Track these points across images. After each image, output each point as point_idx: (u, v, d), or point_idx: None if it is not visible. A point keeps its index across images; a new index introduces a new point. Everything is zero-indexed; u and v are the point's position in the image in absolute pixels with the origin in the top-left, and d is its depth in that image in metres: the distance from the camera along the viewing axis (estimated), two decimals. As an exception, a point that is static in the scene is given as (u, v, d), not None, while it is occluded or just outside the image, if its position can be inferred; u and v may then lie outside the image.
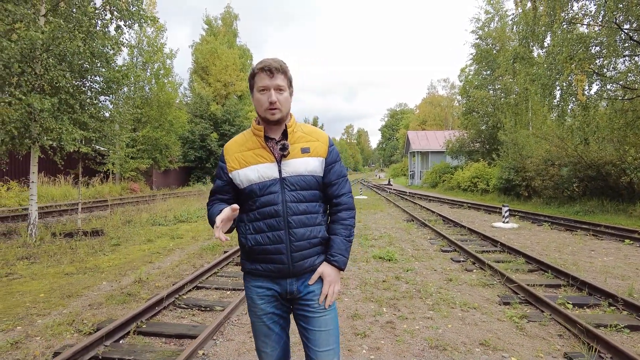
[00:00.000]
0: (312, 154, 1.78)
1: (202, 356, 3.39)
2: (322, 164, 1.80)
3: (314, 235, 1.77)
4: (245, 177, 1.76)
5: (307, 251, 1.76)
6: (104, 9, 9.27)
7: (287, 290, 1.78)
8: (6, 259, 6.82)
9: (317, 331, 1.78)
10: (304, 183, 1.76)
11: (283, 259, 1.73)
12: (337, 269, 1.80)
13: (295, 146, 1.77)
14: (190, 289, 5.22)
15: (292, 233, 1.73)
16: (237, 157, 1.79)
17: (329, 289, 1.78)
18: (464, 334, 3.80)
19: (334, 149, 1.87)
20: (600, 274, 5.95)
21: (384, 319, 4.18)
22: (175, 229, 10.42)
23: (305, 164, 1.76)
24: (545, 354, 3.42)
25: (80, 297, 5.01)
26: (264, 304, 1.80)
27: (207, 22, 42.02)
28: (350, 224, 1.85)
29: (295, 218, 1.73)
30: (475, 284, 5.50)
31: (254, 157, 1.77)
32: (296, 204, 1.74)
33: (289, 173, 1.74)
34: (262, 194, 1.74)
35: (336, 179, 1.85)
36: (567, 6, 13.56)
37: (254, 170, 1.75)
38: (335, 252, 1.79)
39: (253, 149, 1.78)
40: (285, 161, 1.75)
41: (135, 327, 3.92)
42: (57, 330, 3.92)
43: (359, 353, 3.43)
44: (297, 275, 1.77)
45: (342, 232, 1.82)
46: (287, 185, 1.74)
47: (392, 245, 8.20)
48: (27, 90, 7.85)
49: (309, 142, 1.80)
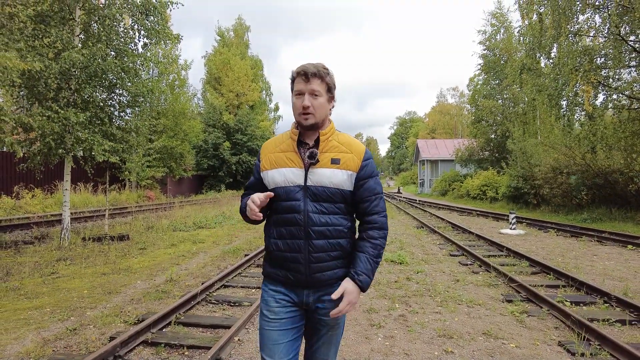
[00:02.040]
0: (341, 166, 1.71)
1: (238, 341, 3.88)
2: (351, 178, 1.72)
3: (335, 248, 1.70)
4: (272, 179, 1.75)
5: (325, 264, 1.70)
6: (132, 29, 9.95)
7: (303, 301, 1.75)
8: (47, 260, 7.40)
9: (321, 343, 1.82)
10: (327, 195, 1.69)
11: (300, 269, 1.69)
12: (360, 289, 1.69)
13: (326, 155, 1.71)
14: (218, 287, 5.73)
15: (311, 244, 1.68)
16: (270, 158, 1.78)
17: (345, 308, 1.66)
18: (469, 326, 4.24)
19: (369, 163, 1.77)
20: (600, 276, 6.33)
21: (397, 313, 4.63)
22: (195, 234, 10.97)
23: (331, 175, 1.69)
24: (541, 342, 3.84)
25: (120, 294, 5.53)
26: (278, 308, 1.74)
27: (220, 34, 43.04)
28: (379, 244, 1.74)
29: (316, 229, 1.68)
30: (481, 284, 5.92)
31: (284, 160, 1.74)
32: (318, 215, 1.68)
33: (313, 182, 1.69)
34: (286, 199, 1.71)
35: (368, 196, 1.75)
36: (573, 19, 13.98)
37: (280, 173, 1.73)
38: (361, 271, 1.69)
39: (286, 151, 1.76)
40: (313, 169, 1.70)
41: (175, 319, 4.42)
42: (106, 320, 4.44)
43: (375, 340, 3.89)
44: (314, 287, 1.72)
45: (370, 251, 1.72)
46: (310, 194, 1.69)
47: (403, 249, 8.63)
48: (63, 105, 8.50)
49: (341, 153, 1.73)
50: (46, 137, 8.17)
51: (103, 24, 9.16)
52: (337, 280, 1.73)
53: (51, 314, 4.67)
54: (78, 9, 9.03)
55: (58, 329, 4.17)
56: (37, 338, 3.92)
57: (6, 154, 16.98)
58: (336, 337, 1.83)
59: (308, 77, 1.68)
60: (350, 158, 1.73)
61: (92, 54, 8.36)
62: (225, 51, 40.27)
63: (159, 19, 10.26)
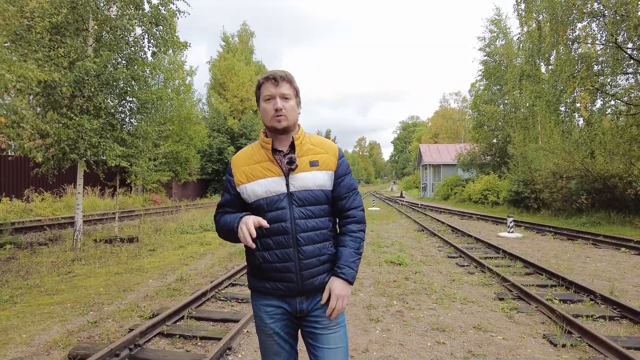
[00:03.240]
0: (320, 167, 1.73)
1: (246, 333, 4.20)
2: (331, 177, 1.75)
3: (324, 252, 1.72)
4: (252, 192, 1.71)
5: (316, 269, 1.70)
6: (143, 38, 10.35)
7: (296, 309, 1.74)
8: (62, 260, 7.76)
9: (326, 349, 1.73)
10: (312, 198, 1.71)
11: (292, 278, 1.68)
12: (346, 282, 1.71)
13: (303, 159, 1.72)
14: (226, 285, 6.06)
15: (301, 251, 1.68)
16: (244, 171, 1.75)
17: (336, 303, 1.70)
18: (461, 320, 4.55)
19: (344, 161, 1.82)
20: (590, 276, 6.62)
21: (394, 309, 4.94)
22: (202, 236, 11.32)
23: (313, 178, 1.71)
24: (527, 335, 4.14)
25: (134, 291, 5.86)
26: (273, 323, 1.75)
27: (225, 39, 43.60)
28: (359, 237, 1.79)
29: (304, 235, 1.68)
30: (475, 283, 6.22)
31: (261, 171, 1.72)
32: (305, 221, 1.69)
33: (297, 188, 1.69)
34: (270, 209, 1.69)
35: (346, 193, 1.79)
36: (570, 27, 14.29)
37: (261, 185, 1.70)
38: (343, 265, 1.71)
39: (260, 162, 1.74)
40: (293, 175, 1.69)
41: (187, 314, 4.75)
42: (123, 315, 4.77)
43: (374, 333, 4.20)
44: (306, 293, 1.72)
45: (351, 244, 1.76)
46: (295, 200, 1.69)
47: (403, 251, 8.93)
48: (77, 112, 8.89)
49: (317, 155, 1.75)
50: (61, 142, 8.55)
51: (115, 34, 9.57)
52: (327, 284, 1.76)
53: (72, 308, 5.01)
54: (91, 20, 9.45)
55: (80, 322, 4.51)
56: (61, 329, 4.27)
57: (17, 159, 17.41)
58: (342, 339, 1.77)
59: (277, 81, 1.69)
60: (327, 158, 1.76)
61: (104, 63, 8.75)
62: (229, 57, 40.81)
63: (167, 27, 10.67)
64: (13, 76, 6.05)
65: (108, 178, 14.18)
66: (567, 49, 14.29)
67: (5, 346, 3.86)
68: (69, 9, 8.90)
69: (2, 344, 3.90)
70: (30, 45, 8.25)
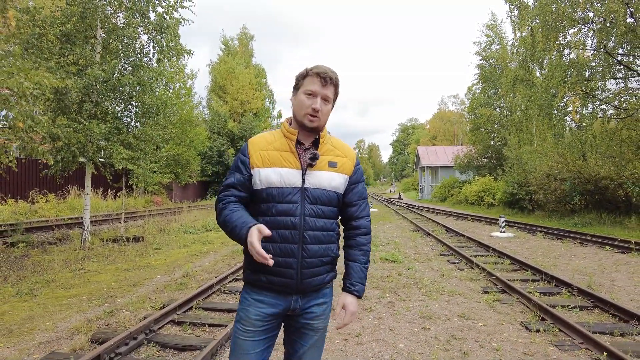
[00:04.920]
0: (338, 169, 1.72)
1: (250, 321, 4.60)
2: (346, 181, 1.76)
3: (327, 253, 1.70)
4: (265, 178, 1.66)
5: (317, 269, 1.69)
6: (148, 45, 10.78)
7: (290, 307, 1.71)
8: (74, 258, 8.16)
9: (308, 347, 1.77)
10: (325, 198, 1.69)
11: (292, 274, 1.64)
12: (358, 297, 1.75)
13: (323, 158, 1.71)
14: (230, 280, 6.46)
15: (305, 249, 1.65)
16: (262, 155, 1.68)
17: (349, 319, 1.74)
18: (447, 310, 4.96)
19: (360, 168, 1.83)
20: (572, 272, 7.04)
21: (386, 300, 5.35)
22: (205, 236, 11.71)
23: (330, 178, 1.70)
24: (506, 322, 4.55)
25: (143, 286, 6.26)
26: (257, 320, 1.68)
27: (225, 43, 44.05)
28: (368, 250, 1.82)
29: (311, 234, 1.65)
30: (464, 278, 6.63)
31: (279, 160, 1.67)
32: (315, 219, 1.66)
33: (312, 184, 1.67)
34: (281, 200, 1.64)
35: (357, 200, 1.80)
36: (562, 33, 14.75)
37: (277, 173, 1.65)
38: (356, 282, 1.74)
39: (280, 150, 1.69)
40: (311, 171, 1.67)
41: (195, 305, 5.15)
42: (135, 306, 5.17)
43: (366, 320, 4.61)
44: (303, 292, 1.70)
45: (361, 258, 1.78)
46: (308, 197, 1.66)
47: (397, 250, 9.34)
48: (86, 117, 9.30)
49: (337, 157, 1.74)
50: (72, 146, 8.96)
51: (122, 42, 9.99)
52: (325, 284, 1.77)
53: (87, 301, 5.41)
54: (99, 28, 9.87)
55: (96, 312, 4.92)
56: (81, 318, 4.67)
57: (23, 162, 17.81)
58: (323, 340, 1.82)
59: (326, 82, 1.66)
60: (345, 162, 1.76)
61: (111, 69, 9.17)
62: (229, 60, 41.25)
63: (172, 35, 11.09)
64: (30, 84, 6.46)
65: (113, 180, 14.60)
66: (559, 54, 14.75)
67: (32, 332, 4.26)
68: (78, 17, 9.32)
69: (29, 330, 4.30)
70: (42, 52, 8.66)
